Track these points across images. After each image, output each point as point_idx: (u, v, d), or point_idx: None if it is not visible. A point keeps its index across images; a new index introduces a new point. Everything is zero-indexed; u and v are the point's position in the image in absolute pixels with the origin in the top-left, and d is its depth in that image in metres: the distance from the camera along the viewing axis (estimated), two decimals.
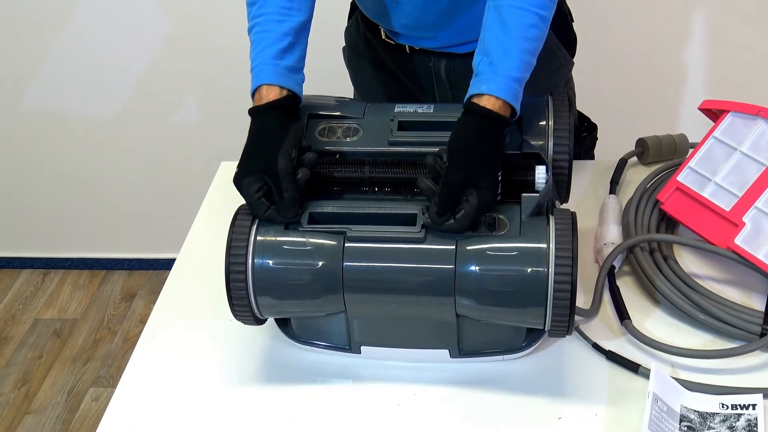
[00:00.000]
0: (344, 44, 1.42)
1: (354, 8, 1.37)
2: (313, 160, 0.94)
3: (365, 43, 1.34)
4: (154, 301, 1.11)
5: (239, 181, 0.93)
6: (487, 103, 0.90)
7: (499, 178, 0.90)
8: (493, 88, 0.90)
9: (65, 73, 2.04)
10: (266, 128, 0.95)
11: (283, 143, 0.92)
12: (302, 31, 1.02)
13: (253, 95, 0.99)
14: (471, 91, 0.92)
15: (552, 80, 1.24)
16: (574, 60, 1.29)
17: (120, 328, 2.23)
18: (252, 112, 0.98)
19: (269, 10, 1.01)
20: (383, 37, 1.29)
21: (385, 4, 1.17)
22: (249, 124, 0.97)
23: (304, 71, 1.02)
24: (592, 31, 1.33)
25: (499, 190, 0.90)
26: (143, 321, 1.07)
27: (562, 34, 1.22)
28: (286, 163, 0.91)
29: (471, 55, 1.23)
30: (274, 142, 0.93)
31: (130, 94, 2.07)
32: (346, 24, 1.40)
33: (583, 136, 1.39)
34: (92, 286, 2.38)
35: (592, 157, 1.41)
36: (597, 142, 1.43)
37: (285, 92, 0.97)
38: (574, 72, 1.31)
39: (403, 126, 0.97)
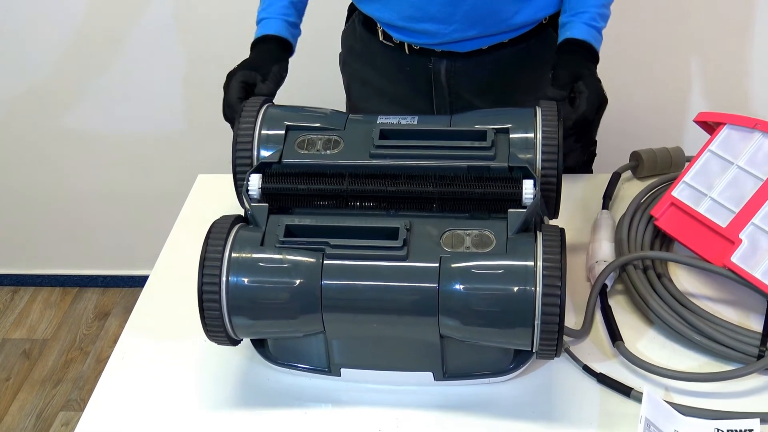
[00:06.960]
0: (339, 51, 1.39)
1: (351, 11, 1.34)
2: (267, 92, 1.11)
3: (362, 46, 1.31)
4: None
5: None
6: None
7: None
8: (576, 32, 1.14)
9: (37, 86, 2.01)
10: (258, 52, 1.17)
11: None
12: None
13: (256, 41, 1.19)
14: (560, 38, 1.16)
15: None
16: None
17: (93, 348, 2.18)
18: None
19: None
20: (380, 38, 1.25)
21: None
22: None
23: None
24: None
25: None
26: (117, 341, 1.04)
27: None
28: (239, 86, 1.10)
29: (473, 55, 1.22)
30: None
31: (104, 109, 2.03)
32: (341, 31, 1.38)
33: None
34: (64, 305, 2.32)
35: (590, 172, 1.39)
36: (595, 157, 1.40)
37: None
38: None
39: (385, 136, 0.94)
